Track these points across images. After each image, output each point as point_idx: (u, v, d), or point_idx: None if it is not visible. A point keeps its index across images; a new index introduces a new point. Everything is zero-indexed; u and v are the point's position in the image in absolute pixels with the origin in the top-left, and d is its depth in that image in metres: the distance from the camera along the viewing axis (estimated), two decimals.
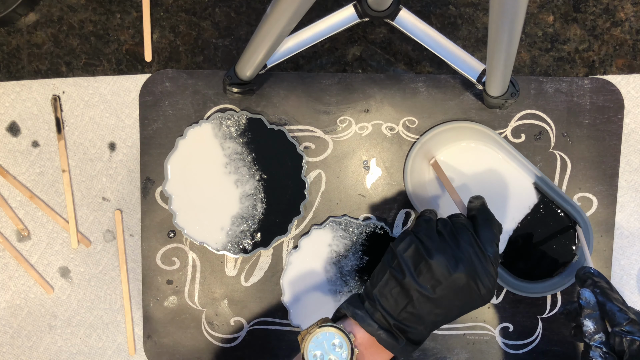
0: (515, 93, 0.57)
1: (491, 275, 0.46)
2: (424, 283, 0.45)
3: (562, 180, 0.62)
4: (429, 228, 0.48)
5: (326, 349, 0.45)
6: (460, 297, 0.45)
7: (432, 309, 0.45)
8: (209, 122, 0.62)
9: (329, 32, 0.57)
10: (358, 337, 0.46)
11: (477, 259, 0.45)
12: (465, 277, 0.45)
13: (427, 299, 0.45)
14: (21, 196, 0.64)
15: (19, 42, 0.64)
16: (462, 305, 0.46)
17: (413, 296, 0.45)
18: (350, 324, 0.47)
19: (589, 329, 0.47)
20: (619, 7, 0.63)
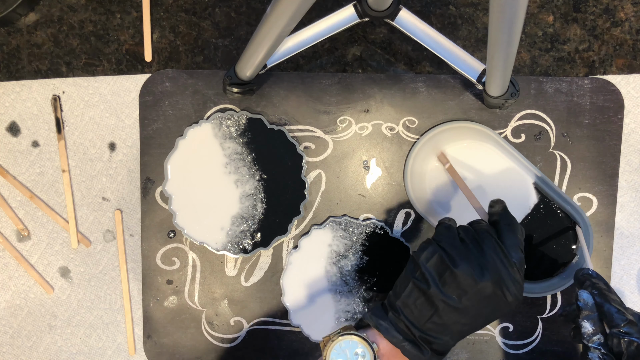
0: (515, 93, 0.57)
1: (517, 282, 0.45)
2: (449, 293, 0.44)
3: (562, 180, 0.62)
4: (451, 236, 0.47)
5: (348, 357, 0.44)
6: (486, 306, 0.45)
7: (458, 319, 0.44)
8: (209, 122, 0.62)
9: (329, 32, 0.57)
10: (381, 348, 0.45)
11: (502, 266, 0.45)
12: (492, 285, 0.44)
13: (454, 309, 0.44)
14: (21, 196, 0.64)
15: (19, 42, 0.64)
16: (488, 313, 0.45)
17: (439, 307, 0.44)
18: (373, 334, 0.46)
19: (587, 331, 0.47)
20: (619, 7, 0.63)
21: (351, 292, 0.62)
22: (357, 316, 0.62)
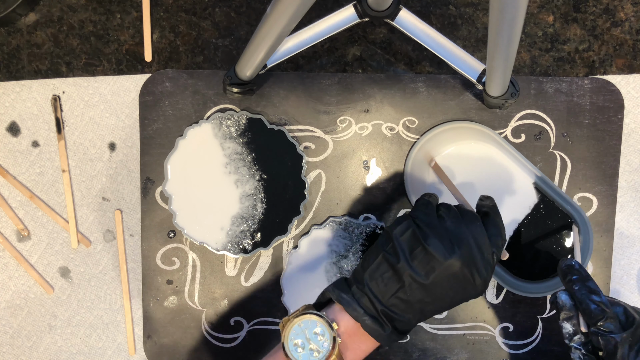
0: (515, 93, 0.57)
1: (490, 267, 0.44)
2: (418, 268, 0.43)
3: (562, 180, 0.62)
4: (429, 212, 0.46)
5: (307, 337, 0.43)
6: (453, 286, 0.44)
7: (423, 297, 0.43)
8: (209, 122, 0.62)
9: (329, 32, 0.57)
10: (342, 325, 0.44)
11: (477, 248, 0.44)
12: (461, 264, 0.43)
13: (420, 286, 0.43)
14: (21, 196, 0.64)
15: (19, 42, 0.64)
16: (454, 295, 0.44)
17: (405, 281, 0.43)
18: (334, 311, 0.45)
19: (568, 331, 0.48)
20: (619, 7, 0.63)
21: None
22: None
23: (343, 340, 0.44)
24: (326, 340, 0.43)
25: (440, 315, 0.63)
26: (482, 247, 0.44)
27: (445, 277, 0.43)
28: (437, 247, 0.43)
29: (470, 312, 0.63)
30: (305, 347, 0.43)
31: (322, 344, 0.43)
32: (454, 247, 0.43)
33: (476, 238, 0.44)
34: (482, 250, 0.44)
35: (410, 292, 0.43)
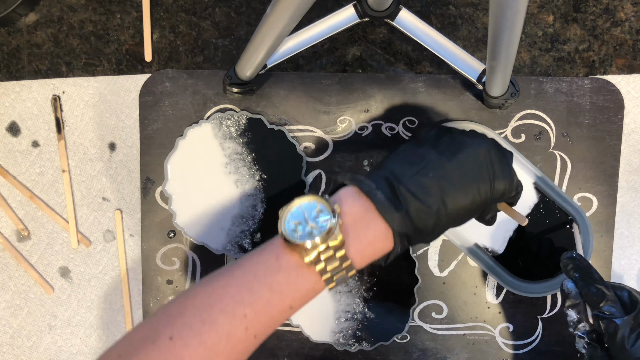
0: (515, 93, 0.57)
1: (509, 179, 0.41)
2: (443, 146, 0.41)
3: (562, 181, 0.62)
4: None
5: (306, 218, 0.38)
6: (474, 174, 0.40)
7: (443, 181, 0.39)
8: (209, 122, 0.62)
9: (329, 32, 0.57)
10: (346, 207, 0.39)
11: (505, 162, 0.41)
12: (487, 147, 0.41)
13: (442, 166, 0.40)
14: (21, 196, 0.64)
15: (19, 42, 0.64)
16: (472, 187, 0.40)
17: (428, 160, 0.40)
18: (339, 196, 0.40)
19: (572, 319, 0.48)
20: (619, 7, 0.63)
21: (351, 292, 0.62)
22: (357, 316, 0.62)
23: (346, 223, 0.38)
24: (326, 220, 0.37)
25: (440, 315, 0.63)
26: (505, 161, 0.42)
27: (469, 159, 0.40)
28: (466, 132, 0.42)
29: (470, 312, 0.63)
30: (304, 229, 0.38)
31: (321, 224, 0.37)
32: (483, 143, 0.41)
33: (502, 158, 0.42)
34: (506, 163, 0.42)
35: (432, 171, 0.40)
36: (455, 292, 0.63)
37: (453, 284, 0.63)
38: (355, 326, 0.62)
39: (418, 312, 0.63)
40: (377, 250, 0.39)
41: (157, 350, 0.35)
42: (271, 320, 0.38)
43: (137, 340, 0.37)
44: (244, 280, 0.37)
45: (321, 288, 0.39)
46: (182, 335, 0.35)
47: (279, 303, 0.37)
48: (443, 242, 0.63)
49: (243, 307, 0.36)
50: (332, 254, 0.37)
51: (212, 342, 0.35)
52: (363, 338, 0.62)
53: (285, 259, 0.38)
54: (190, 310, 0.37)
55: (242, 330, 0.36)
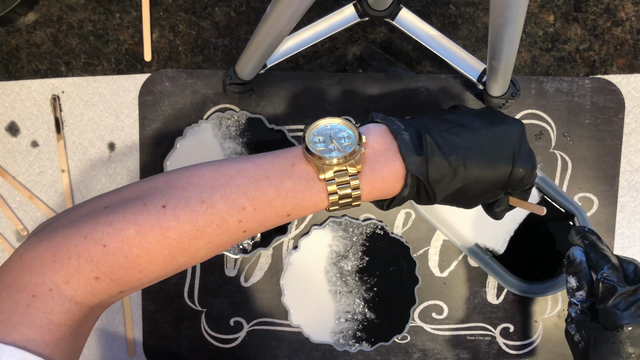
0: (515, 93, 0.57)
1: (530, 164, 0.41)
2: (477, 115, 0.41)
3: (563, 181, 0.62)
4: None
5: (331, 137, 0.39)
6: (500, 148, 0.40)
7: (469, 143, 0.39)
8: (209, 122, 0.61)
9: (329, 31, 0.57)
10: (371, 140, 0.39)
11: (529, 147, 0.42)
12: (520, 130, 0.41)
13: (471, 132, 0.40)
14: (20, 196, 0.64)
15: (18, 42, 0.64)
16: (492, 161, 0.40)
17: (460, 123, 0.40)
18: (368, 129, 0.40)
19: (572, 285, 0.49)
20: (620, 7, 0.63)
21: (351, 292, 0.62)
22: (357, 316, 0.62)
23: (367, 154, 0.39)
24: (349, 145, 0.38)
25: (440, 316, 0.63)
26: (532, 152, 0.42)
27: (502, 133, 0.40)
28: (504, 114, 0.43)
29: (470, 312, 0.63)
30: (328, 145, 0.38)
31: (344, 146, 0.38)
32: (519, 120, 0.42)
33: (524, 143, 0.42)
34: (532, 151, 0.42)
35: (463, 132, 0.40)
36: (455, 293, 0.63)
37: (453, 284, 0.63)
38: (355, 326, 0.62)
39: (418, 312, 0.63)
40: (387, 188, 0.39)
41: (146, 213, 0.35)
42: (266, 220, 0.38)
43: (128, 197, 0.37)
44: (254, 176, 0.37)
45: (323, 206, 0.39)
46: (176, 207, 0.35)
47: (280, 207, 0.38)
48: (443, 242, 0.63)
49: (245, 200, 0.37)
50: (347, 180, 0.38)
51: (202, 223, 0.36)
52: (363, 338, 0.62)
53: (300, 168, 0.38)
54: (192, 187, 0.37)
55: (236, 221, 0.37)
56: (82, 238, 0.35)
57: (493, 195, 0.43)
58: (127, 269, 0.35)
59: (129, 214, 0.35)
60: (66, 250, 0.34)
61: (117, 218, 0.35)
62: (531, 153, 0.42)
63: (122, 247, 0.35)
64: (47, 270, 0.34)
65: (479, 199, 0.43)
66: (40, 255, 0.35)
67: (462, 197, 0.42)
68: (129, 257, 0.35)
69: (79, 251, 0.34)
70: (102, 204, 0.37)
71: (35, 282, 0.34)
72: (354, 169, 0.38)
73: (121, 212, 0.35)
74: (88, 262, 0.34)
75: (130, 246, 0.35)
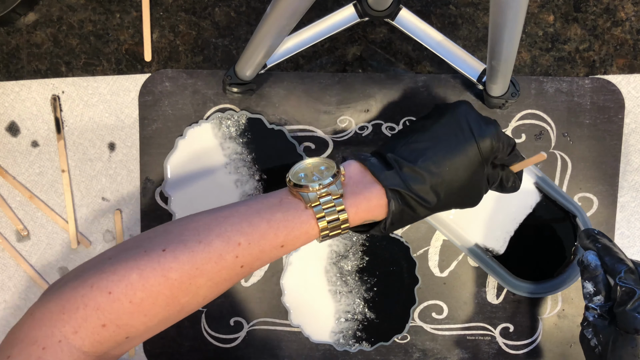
0: (515, 93, 0.57)
1: (488, 126, 0.43)
2: (429, 116, 0.45)
3: (563, 181, 0.62)
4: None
5: (312, 172, 0.43)
6: (454, 133, 0.43)
7: (427, 142, 0.43)
8: (209, 122, 0.61)
9: (329, 31, 0.57)
10: (348, 170, 0.43)
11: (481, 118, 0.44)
12: (465, 114, 0.44)
13: (426, 130, 0.43)
14: (21, 196, 0.64)
15: (18, 42, 0.64)
16: (454, 141, 0.43)
17: (415, 128, 0.44)
18: (343, 165, 0.44)
19: (588, 291, 0.48)
20: (620, 7, 0.63)
21: (351, 292, 0.62)
22: (357, 316, 0.62)
23: (347, 182, 0.42)
24: (330, 173, 0.42)
25: (440, 316, 0.63)
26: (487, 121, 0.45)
27: (450, 120, 0.44)
28: (449, 102, 0.46)
29: (470, 312, 0.63)
30: (309, 177, 0.42)
31: (325, 174, 0.42)
32: (462, 100, 0.45)
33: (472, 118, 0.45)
34: (486, 121, 0.44)
35: (418, 136, 0.43)
36: (455, 292, 0.63)
37: (453, 284, 0.63)
38: (355, 326, 0.62)
39: (418, 312, 0.63)
40: (372, 207, 0.42)
41: (147, 258, 0.37)
42: (261, 253, 0.40)
43: (130, 247, 0.38)
44: (246, 213, 0.40)
45: (315, 234, 0.41)
46: (175, 249, 0.38)
47: (273, 238, 0.40)
48: (443, 242, 0.63)
49: (239, 236, 0.39)
50: (332, 205, 0.41)
51: (201, 261, 0.38)
52: (363, 338, 0.62)
53: (287, 201, 0.41)
54: (189, 231, 0.39)
55: (233, 257, 0.39)
56: (89, 288, 0.36)
57: (480, 177, 0.44)
58: (132, 313, 0.37)
59: (132, 261, 0.37)
60: (74, 301, 0.36)
61: (120, 266, 0.37)
62: (487, 121, 0.44)
63: (127, 292, 0.36)
64: (56, 322, 0.36)
65: (475, 186, 0.44)
66: (49, 309, 0.36)
67: (455, 194, 0.43)
68: (133, 302, 0.36)
69: (85, 300, 0.36)
70: (106, 255, 0.39)
71: (45, 335, 0.35)
72: (337, 193, 0.41)
73: (124, 260, 0.37)
74: (95, 310, 0.36)
75: (134, 290, 0.36)
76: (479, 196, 0.45)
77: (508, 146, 0.45)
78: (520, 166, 0.48)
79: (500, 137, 0.44)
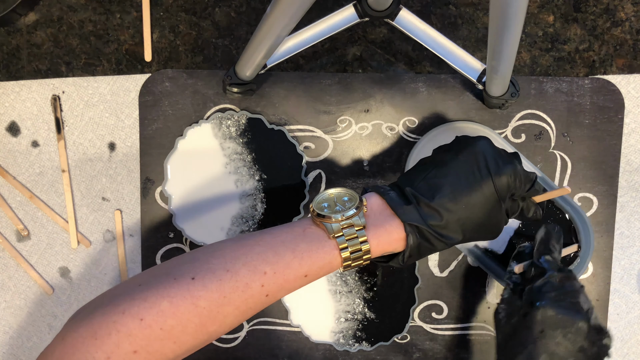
0: (515, 93, 0.57)
1: (506, 164, 0.44)
2: (448, 151, 0.45)
3: (563, 181, 0.62)
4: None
5: (335, 202, 0.43)
6: (471, 170, 0.43)
7: (446, 178, 0.43)
8: (209, 122, 0.62)
9: (329, 32, 0.57)
10: (369, 202, 0.44)
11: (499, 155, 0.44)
12: (482, 151, 0.44)
13: (444, 165, 0.44)
14: (21, 196, 0.64)
15: (18, 42, 0.64)
16: (471, 178, 0.43)
17: (435, 162, 0.44)
18: (364, 197, 0.45)
19: (511, 269, 0.53)
20: (619, 7, 0.63)
21: (351, 292, 0.62)
22: (357, 316, 0.62)
23: (369, 214, 0.43)
24: (353, 204, 0.42)
25: (440, 315, 0.63)
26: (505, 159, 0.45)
27: (468, 157, 0.44)
28: (471, 137, 0.46)
29: (470, 312, 0.63)
30: (332, 208, 0.43)
31: (347, 206, 0.42)
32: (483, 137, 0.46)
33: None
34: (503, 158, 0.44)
35: (437, 171, 0.44)
36: (455, 292, 0.63)
37: (453, 284, 0.63)
38: (355, 326, 0.62)
39: (418, 312, 0.63)
40: (393, 240, 0.42)
41: (177, 286, 0.38)
42: (285, 283, 0.40)
43: (160, 274, 0.39)
44: (272, 243, 0.41)
45: (337, 265, 0.42)
46: (204, 277, 0.38)
47: (297, 268, 0.40)
48: None
49: (265, 265, 0.40)
50: (355, 236, 0.41)
51: (229, 290, 0.38)
52: (363, 338, 0.62)
53: (311, 231, 0.42)
54: (217, 259, 0.40)
55: (259, 285, 0.39)
56: (121, 314, 0.36)
57: (498, 214, 0.44)
58: (163, 340, 0.37)
59: (162, 288, 0.37)
60: (106, 326, 0.36)
61: (151, 293, 0.37)
62: (504, 159, 0.44)
63: (158, 319, 0.37)
64: (89, 347, 0.36)
65: (492, 221, 0.45)
66: (81, 334, 0.37)
67: (473, 230, 0.44)
68: (164, 329, 0.37)
69: (117, 326, 0.36)
70: (136, 282, 0.39)
71: None
72: (360, 224, 0.41)
73: (154, 287, 0.38)
74: (127, 337, 0.36)
75: (165, 317, 0.37)
76: (497, 230, 0.46)
77: (528, 182, 0.46)
78: (542, 198, 0.48)
79: (518, 175, 0.44)
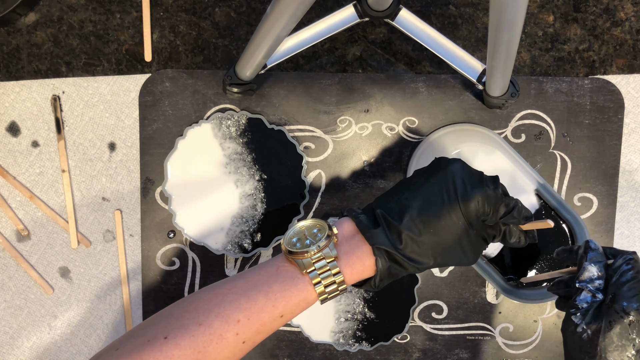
0: (515, 93, 0.57)
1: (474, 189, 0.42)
2: (423, 173, 0.45)
3: (563, 181, 0.62)
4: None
5: (305, 236, 0.43)
6: (439, 193, 0.43)
7: (415, 202, 0.42)
8: (209, 122, 0.62)
9: (329, 32, 0.57)
10: (340, 229, 0.43)
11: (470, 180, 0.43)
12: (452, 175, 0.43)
13: (416, 188, 0.43)
14: (21, 196, 0.64)
15: (18, 42, 0.64)
16: (438, 202, 0.42)
17: (409, 184, 0.44)
18: (336, 223, 0.45)
19: (592, 274, 0.44)
20: (619, 7, 0.63)
21: (351, 292, 0.62)
22: (357, 316, 0.62)
23: (339, 242, 0.42)
24: (323, 236, 0.42)
25: (440, 315, 0.63)
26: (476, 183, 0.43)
27: (438, 179, 0.43)
28: (447, 158, 0.45)
29: (470, 312, 0.63)
30: (302, 241, 0.42)
31: (318, 238, 0.42)
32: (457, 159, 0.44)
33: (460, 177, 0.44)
34: (474, 183, 0.43)
35: (409, 194, 0.43)
36: (455, 292, 0.63)
37: (453, 284, 0.63)
38: (355, 326, 0.62)
39: (418, 312, 0.63)
40: (366, 267, 0.42)
41: (150, 348, 0.38)
42: (262, 326, 0.40)
43: (136, 336, 0.39)
44: (244, 289, 0.41)
45: (313, 299, 0.42)
46: (177, 335, 0.38)
47: (271, 310, 0.40)
48: None
49: (238, 313, 0.39)
50: (327, 269, 0.41)
51: (202, 344, 0.38)
52: (363, 338, 0.62)
53: (284, 270, 0.41)
54: (190, 313, 0.40)
55: (233, 334, 0.39)
56: None
57: (468, 239, 0.43)
58: None
59: (135, 352, 0.38)
60: None
61: (125, 358, 0.38)
62: (475, 182, 0.43)
63: None
64: None
65: (464, 247, 0.43)
66: None
67: (443, 255, 0.43)
68: None
69: None
70: (113, 346, 0.40)
71: None
72: (331, 256, 0.41)
73: (128, 351, 0.38)
74: None
75: None
76: (473, 255, 0.44)
77: (502, 208, 0.43)
78: (528, 227, 0.46)
79: (488, 200, 0.42)
